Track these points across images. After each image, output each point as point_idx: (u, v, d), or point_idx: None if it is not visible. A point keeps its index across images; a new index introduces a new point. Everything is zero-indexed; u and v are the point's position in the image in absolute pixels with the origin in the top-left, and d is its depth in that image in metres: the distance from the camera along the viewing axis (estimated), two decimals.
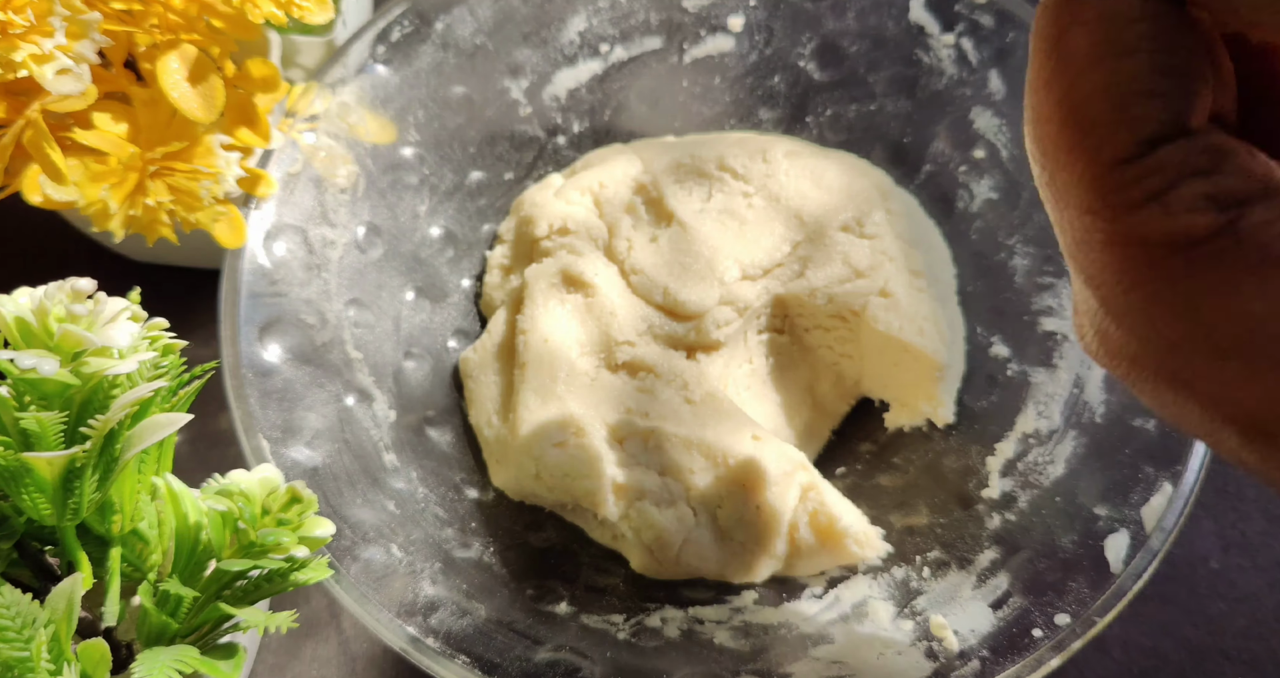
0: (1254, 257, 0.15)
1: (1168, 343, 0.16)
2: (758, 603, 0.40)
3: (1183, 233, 0.15)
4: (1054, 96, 0.17)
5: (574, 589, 0.40)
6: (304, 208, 0.41)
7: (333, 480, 0.38)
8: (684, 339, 0.44)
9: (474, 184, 0.48)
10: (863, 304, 0.43)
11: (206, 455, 0.49)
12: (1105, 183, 0.16)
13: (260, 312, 0.39)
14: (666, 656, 0.37)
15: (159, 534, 0.31)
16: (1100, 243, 0.16)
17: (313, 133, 0.42)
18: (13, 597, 0.25)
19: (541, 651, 0.36)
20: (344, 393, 0.40)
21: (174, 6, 0.34)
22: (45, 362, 0.26)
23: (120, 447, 0.28)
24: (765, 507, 0.40)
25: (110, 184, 0.34)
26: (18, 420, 0.27)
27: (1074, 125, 0.17)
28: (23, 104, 0.33)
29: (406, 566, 0.37)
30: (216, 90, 0.35)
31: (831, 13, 0.49)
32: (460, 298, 0.48)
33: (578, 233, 0.46)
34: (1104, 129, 0.16)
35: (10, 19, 0.29)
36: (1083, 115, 0.16)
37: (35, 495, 0.28)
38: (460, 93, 0.46)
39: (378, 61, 0.44)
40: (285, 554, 0.29)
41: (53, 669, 0.25)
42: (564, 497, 0.41)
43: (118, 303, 0.28)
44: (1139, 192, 0.16)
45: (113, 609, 0.30)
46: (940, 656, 0.35)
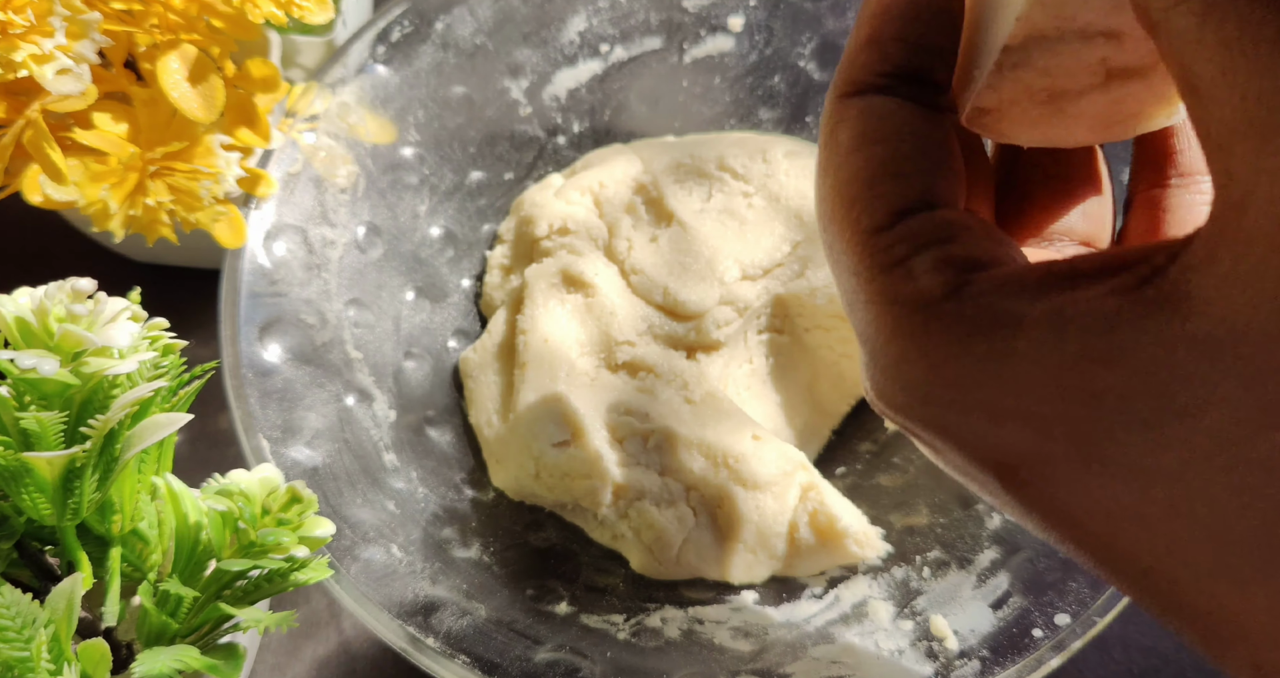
0: (980, 318, 0.16)
1: (922, 395, 0.17)
2: (758, 603, 0.40)
3: (923, 293, 0.17)
4: (828, 179, 0.20)
5: (574, 589, 0.40)
6: (304, 208, 0.41)
7: (333, 480, 0.38)
8: (684, 339, 0.44)
9: (474, 184, 0.48)
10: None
11: (206, 455, 0.49)
12: (864, 249, 0.19)
13: (260, 312, 0.39)
14: (666, 656, 0.37)
15: (159, 534, 0.31)
16: (863, 302, 0.18)
17: (313, 133, 0.42)
18: (13, 597, 0.25)
19: (541, 650, 0.36)
20: (344, 393, 0.40)
21: (174, 6, 0.34)
22: (45, 362, 0.26)
23: (120, 447, 0.28)
24: (765, 507, 0.40)
25: (110, 184, 0.34)
26: (18, 420, 0.27)
27: (840, 200, 0.19)
28: (23, 104, 0.33)
29: (406, 566, 0.37)
30: (216, 90, 0.35)
31: (831, 13, 0.49)
32: (460, 298, 0.48)
33: (578, 233, 0.46)
34: (861, 203, 0.19)
35: (10, 19, 0.29)
36: (845, 192, 0.19)
37: (35, 495, 0.28)
38: (460, 93, 0.46)
39: (378, 61, 0.44)
40: (285, 554, 0.29)
41: (53, 669, 0.25)
42: (564, 497, 0.41)
43: (118, 303, 0.28)
44: (888, 257, 0.18)
45: (113, 609, 0.30)
46: (940, 656, 0.35)
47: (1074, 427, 0.15)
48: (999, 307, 0.16)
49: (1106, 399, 0.15)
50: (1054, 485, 0.16)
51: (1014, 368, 0.16)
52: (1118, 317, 0.15)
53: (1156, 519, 0.15)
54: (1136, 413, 0.15)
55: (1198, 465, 0.14)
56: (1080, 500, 0.16)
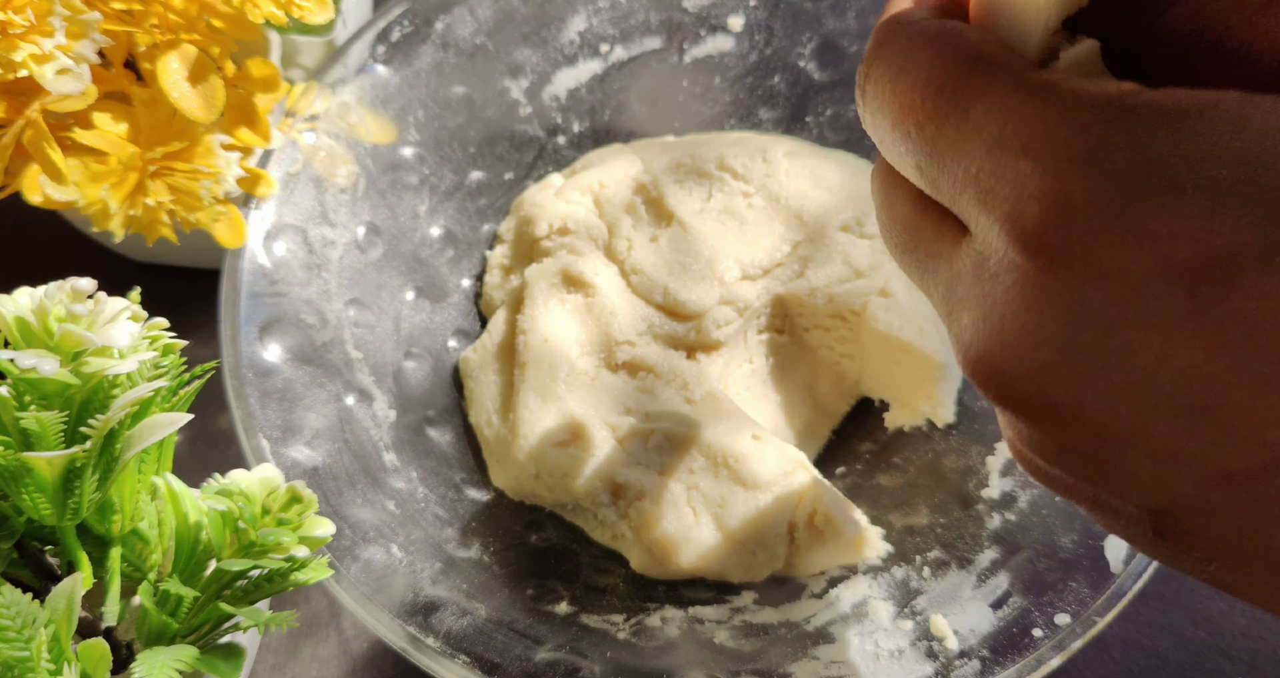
0: (1194, 101, 0.14)
1: (1121, 179, 0.15)
2: (758, 603, 0.40)
3: (1119, 90, 0.15)
4: (938, 41, 0.18)
5: (574, 589, 0.40)
6: (304, 208, 0.41)
7: (333, 480, 0.38)
8: (684, 339, 0.44)
9: (474, 184, 0.48)
10: (863, 304, 0.43)
11: (206, 455, 0.49)
12: (1026, 71, 0.17)
13: (260, 312, 0.39)
14: (666, 655, 0.37)
15: (159, 534, 0.31)
16: (1036, 107, 0.16)
17: (313, 133, 0.42)
18: (13, 597, 0.25)
19: (541, 650, 0.36)
20: (344, 393, 0.40)
21: (174, 6, 0.34)
22: (45, 361, 0.26)
23: (120, 446, 0.28)
24: (765, 507, 0.40)
25: (110, 184, 0.34)
26: (18, 420, 0.27)
27: (969, 49, 0.18)
28: (23, 104, 0.33)
29: (406, 566, 0.37)
30: (217, 90, 0.35)
31: (831, 13, 0.49)
32: (460, 298, 0.48)
33: (578, 233, 0.46)
34: (1001, 48, 0.17)
35: (10, 19, 0.29)
36: (972, 40, 0.18)
37: (35, 495, 0.28)
38: (460, 93, 0.46)
39: (378, 61, 0.44)
40: (285, 554, 0.29)
41: (53, 669, 0.25)
42: (564, 497, 0.41)
43: (118, 303, 0.28)
44: (1057, 74, 0.16)
45: (113, 609, 0.30)
46: (940, 655, 0.35)
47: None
48: (1219, 95, 0.14)
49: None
50: (1275, 280, 0.13)
51: (1247, 135, 0.14)
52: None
53: None
54: None
55: None
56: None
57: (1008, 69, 0.17)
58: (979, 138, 0.17)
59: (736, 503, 0.40)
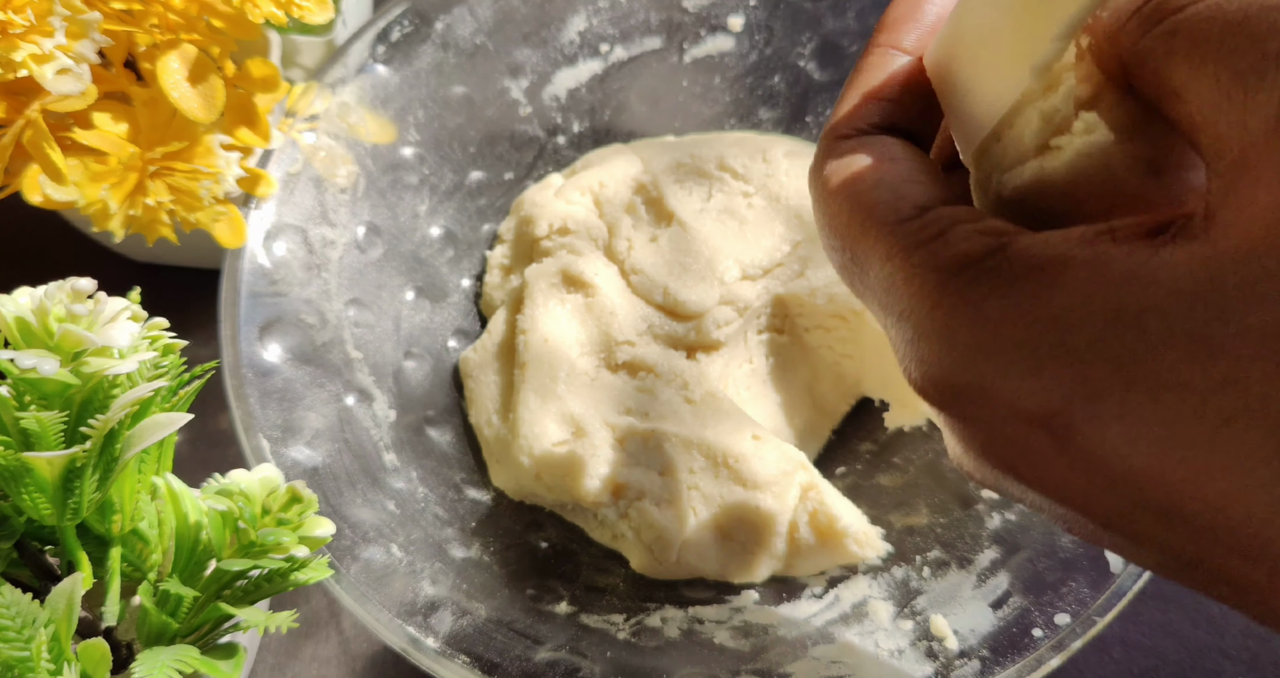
0: (1023, 265, 0.17)
1: (970, 349, 0.18)
2: (758, 603, 0.40)
3: (967, 254, 0.18)
4: (843, 193, 0.21)
5: (574, 589, 0.40)
6: (304, 208, 0.41)
7: (333, 480, 0.38)
8: (684, 339, 0.44)
9: (474, 184, 0.48)
10: (863, 304, 0.43)
11: (206, 455, 0.49)
12: (895, 234, 0.20)
13: (260, 312, 0.39)
14: (667, 655, 0.37)
15: (159, 534, 0.31)
16: (903, 279, 0.19)
17: (313, 133, 0.42)
18: (13, 597, 0.25)
19: (542, 650, 0.36)
20: (344, 393, 0.40)
21: (174, 6, 0.34)
22: (45, 361, 0.26)
23: (120, 446, 0.28)
24: (765, 507, 0.40)
25: (110, 184, 0.34)
26: (18, 420, 0.27)
27: (863, 209, 0.21)
28: (23, 104, 0.33)
29: (406, 566, 0.37)
30: (217, 90, 0.35)
31: (831, 13, 0.49)
32: (460, 298, 0.48)
33: (578, 233, 0.46)
34: (886, 202, 0.20)
35: (10, 19, 0.29)
36: (869, 200, 0.21)
37: (35, 495, 0.28)
38: (460, 93, 0.46)
39: (378, 61, 0.44)
40: (285, 554, 0.29)
41: (53, 669, 0.25)
42: (564, 497, 0.41)
43: (118, 303, 0.28)
44: (924, 233, 0.19)
45: (113, 609, 0.30)
46: (940, 655, 0.35)
47: (1117, 351, 0.16)
48: (1044, 254, 0.17)
49: (1149, 319, 0.15)
50: (1101, 422, 0.16)
51: (1058, 299, 0.16)
52: (1156, 250, 0.16)
53: (1212, 440, 0.15)
54: (1180, 326, 0.15)
55: (1250, 371, 0.15)
56: (1130, 432, 0.16)
57: (887, 235, 0.20)
58: (874, 298, 0.21)
59: (736, 503, 0.40)
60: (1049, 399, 0.17)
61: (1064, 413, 0.17)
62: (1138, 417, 0.16)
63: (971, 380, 0.18)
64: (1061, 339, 0.16)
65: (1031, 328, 0.17)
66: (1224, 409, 0.15)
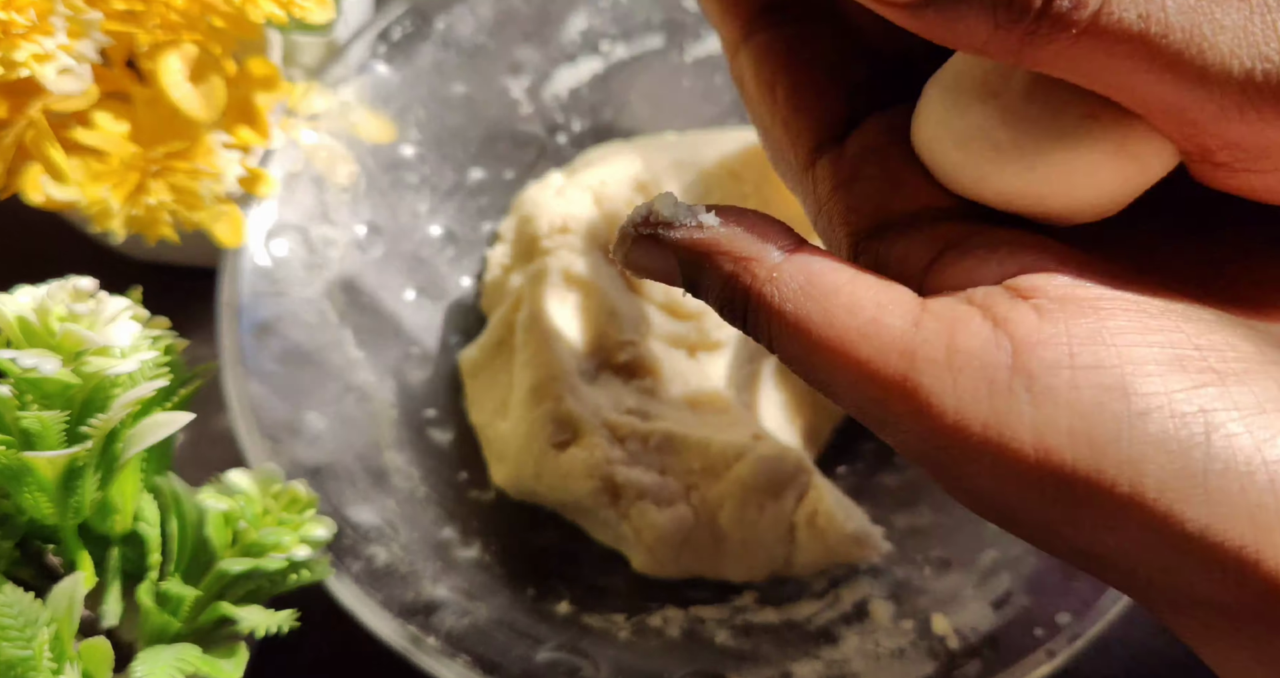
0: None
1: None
2: (759, 603, 0.40)
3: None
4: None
5: (575, 589, 0.40)
6: (304, 207, 0.41)
7: (333, 480, 0.38)
8: (685, 339, 0.44)
9: (474, 183, 0.48)
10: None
11: (207, 455, 0.49)
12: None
13: (260, 311, 0.39)
14: (667, 655, 0.37)
15: (159, 534, 0.31)
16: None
17: (313, 132, 0.42)
18: (15, 596, 0.25)
19: (542, 650, 0.36)
20: (344, 393, 0.40)
21: (175, 6, 0.34)
22: (46, 361, 0.26)
23: (121, 446, 0.28)
24: (766, 506, 0.40)
25: (111, 184, 0.34)
26: (19, 420, 0.27)
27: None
28: (24, 104, 0.33)
29: (407, 565, 0.37)
30: (218, 89, 0.35)
31: None
32: (460, 297, 0.48)
33: (578, 231, 0.46)
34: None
35: (11, 18, 0.29)
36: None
37: (37, 495, 0.28)
38: (461, 92, 0.46)
39: (378, 60, 0.44)
40: (286, 554, 0.29)
41: (55, 668, 0.25)
42: (564, 496, 0.41)
43: (119, 302, 0.28)
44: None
45: (114, 609, 0.30)
46: (941, 655, 0.35)
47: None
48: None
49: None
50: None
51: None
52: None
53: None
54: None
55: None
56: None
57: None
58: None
59: (737, 503, 0.40)
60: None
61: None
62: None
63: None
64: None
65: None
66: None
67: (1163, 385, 0.16)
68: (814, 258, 0.19)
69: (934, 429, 0.17)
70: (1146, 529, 0.16)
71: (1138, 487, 0.16)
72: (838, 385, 0.18)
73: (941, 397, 0.17)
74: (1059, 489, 0.16)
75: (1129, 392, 0.16)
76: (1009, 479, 0.17)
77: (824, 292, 0.18)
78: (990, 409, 0.16)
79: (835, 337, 0.18)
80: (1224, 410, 0.16)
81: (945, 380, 0.17)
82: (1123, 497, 0.16)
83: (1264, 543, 0.15)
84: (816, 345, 0.18)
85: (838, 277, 0.19)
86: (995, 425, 0.16)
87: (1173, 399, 0.16)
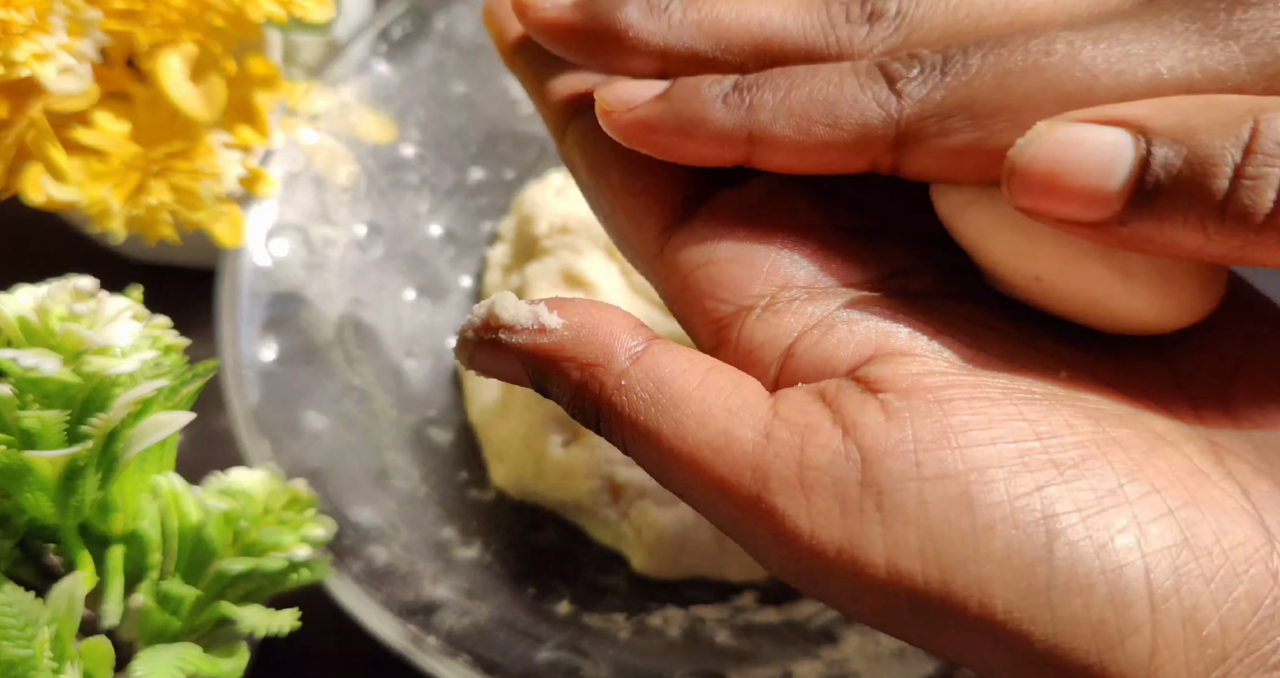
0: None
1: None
2: (758, 603, 0.40)
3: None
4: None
5: (575, 589, 0.40)
6: (304, 207, 0.41)
7: (333, 480, 0.38)
8: (684, 339, 0.44)
9: (475, 183, 0.48)
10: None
11: (207, 455, 0.49)
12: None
13: (260, 312, 0.39)
14: (668, 655, 0.37)
15: (160, 534, 0.31)
16: None
17: (313, 132, 0.42)
18: (15, 595, 0.25)
19: (543, 650, 0.36)
20: (344, 393, 0.40)
21: (175, 5, 0.34)
22: (47, 361, 0.26)
23: (121, 446, 0.28)
24: None
25: (112, 184, 0.34)
26: (19, 420, 0.27)
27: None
28: (24, 104, 0.33)
29: (407, 565, 0.37)
30: (218, 89, 0.35)
31: None
32: (461, 297, 0.48)
33: (578, 232, 0.46)
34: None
35: (11, 18, 0.29)
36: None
37: (37, 495, 0.27)
38: (461, 91, 0.46)
39: (378, 60, 0.44)
40: (286, 554, 0.29)
41: (55, 668, 0.25)
42: (564, 496, 0.41)
43: (119, 302, 0.28)
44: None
45: (114, 608, 0.30)
46: None
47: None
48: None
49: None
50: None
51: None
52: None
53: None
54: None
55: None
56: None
57: None
58: None
59: None
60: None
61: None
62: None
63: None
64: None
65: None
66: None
67: (1006, 492, 0.16)
68: (663, 360, 0.18)
69: (792, 551, 0.17)
70: (999, 646, 0.16)
71: (987, 607, 0.16)
72: (696, 500, 0.18)
73: (796, 519, 0.17)
74: (914, 607, 0.16)
75: (974, 504, 0.16)
76: (866, 596, 0.17)
77: (673, 400, 0.18)
78: (843, 529, 0.16)
79: (687, 451, 0.17)
80: (1065, 514, 0.16)
81: (799, 501, 0.17)
82: (974, 616, 0.16)
83: (1108, 660, 0.15)
84: (670, 458, 0.18)
85: (686, 381, 0.18)
86: (849, 548, 0.16)
87: (1015, 508, 0.16)
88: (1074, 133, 0.16)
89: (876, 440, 0.17)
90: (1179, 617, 0.15)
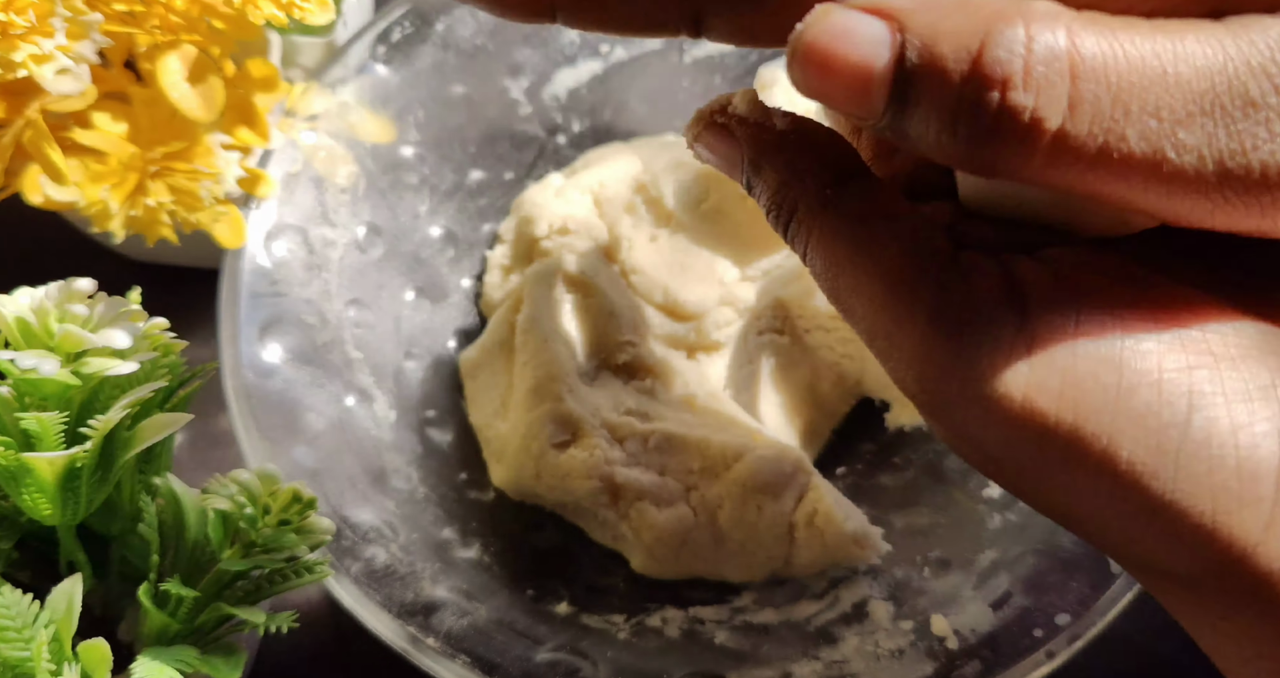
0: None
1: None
2: (758, 603, 0.40)
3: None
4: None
5: (574, 589, 0.40)
6: (304, 208, 0.41)
7: (333, 481, 0.38)
8: (684, 339, 0.44)
9: (474, 184, 0.48)
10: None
11: (207, 455, 0.49)
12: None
13: (260, 312, 0.39)
14: (667, 656, 0.37)
15: (159, 534, 0.31)
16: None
17: (313, 133, 0.42)
18: (13, 597, 0.25)
19: (542, 651, 0.36)
20: (344, 393, 0.40)
21: (175, 8, 0.34)
22: (45, 362, 0.26)
23: (120, 447, 0.28)
24: (765, 507, 0.40)
25: (110, 184, 0.34)
26: (18, 421, 0.27)
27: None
28: (23, 104, 0.33)
29: (406, 566, 0.37)
30: (216, 90, 0.35)
31: None
32: (460, 298, 0.48)
33: (578, 232, 0.46)
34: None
35: (11, 20, 0.29)
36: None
37: (36, 496, 0.28)
38: (460, 92, 0.47)
39: (378, 62, 0.44)
40: (286, 554, 0.29)
41: (54, 669, 0.25)
42: (564, 497, 0.41)
43: (118, 303, 0.28)
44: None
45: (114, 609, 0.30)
46: (941, 655, 0.35)
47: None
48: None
49: None
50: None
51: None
52: None
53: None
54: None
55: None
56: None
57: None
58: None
59: (736, 503, 0.40)
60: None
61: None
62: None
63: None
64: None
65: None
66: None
67: (1157, 364, 0.16)
68: (863, 190, 0.19)
69: (937, 372, 0.18)
70: (1114, 495, 0.17)
71: (1111, 454, 0.16)
72: (856, 313, 0.19)
73: (945, 345, 0.17)
74: (1040, 443, 0.17)
75: (1123, 367, 0.16)
76: (994, 429, 0.17)
77: (858, 226, 0.19)
78: (990, 367, 0.17)
79: (864, 271, 0.18)
80: (1210, 394, 0.16)
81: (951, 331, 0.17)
82: (1094, 461, 0.16)
83: (1221, 523, 0.16)
84: (843, 272, 0.19)
85: (872, 209, 0.19)
86: (991, 380, 0.17)
87: (1163, 378, 0.16)
88: (845, 21, 0.16)
89: (1043, 295, 0.17)
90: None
